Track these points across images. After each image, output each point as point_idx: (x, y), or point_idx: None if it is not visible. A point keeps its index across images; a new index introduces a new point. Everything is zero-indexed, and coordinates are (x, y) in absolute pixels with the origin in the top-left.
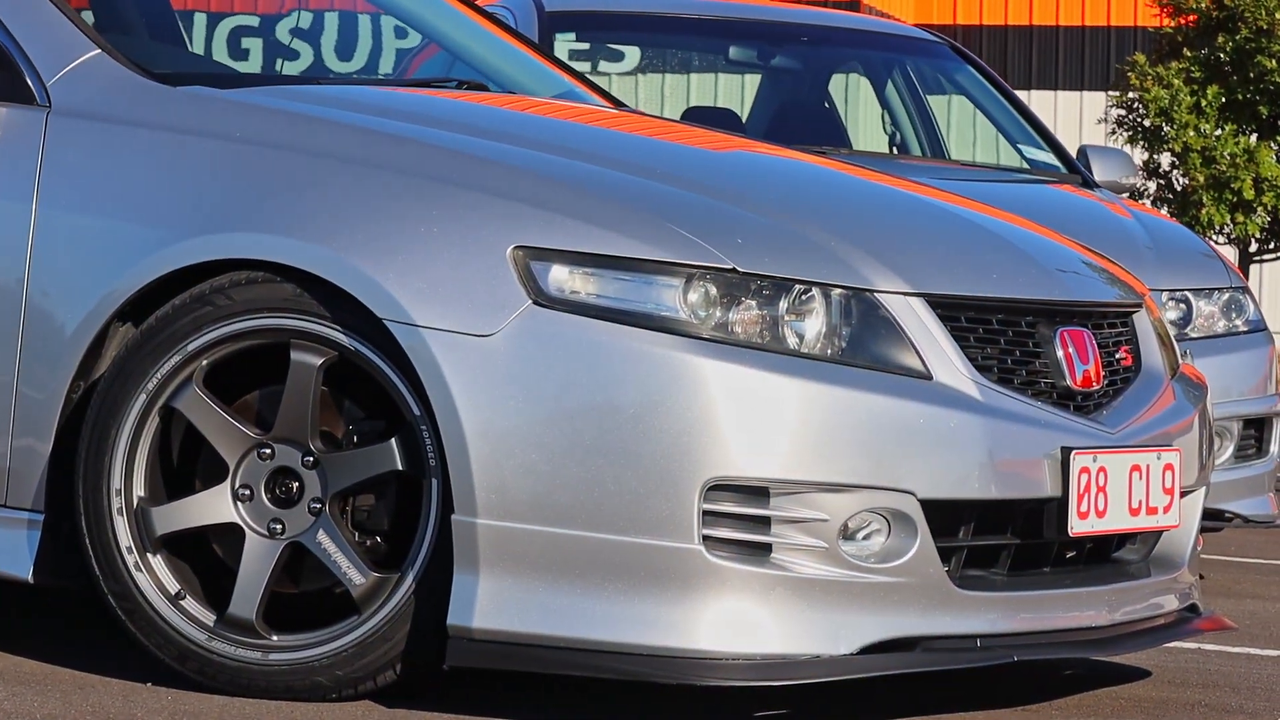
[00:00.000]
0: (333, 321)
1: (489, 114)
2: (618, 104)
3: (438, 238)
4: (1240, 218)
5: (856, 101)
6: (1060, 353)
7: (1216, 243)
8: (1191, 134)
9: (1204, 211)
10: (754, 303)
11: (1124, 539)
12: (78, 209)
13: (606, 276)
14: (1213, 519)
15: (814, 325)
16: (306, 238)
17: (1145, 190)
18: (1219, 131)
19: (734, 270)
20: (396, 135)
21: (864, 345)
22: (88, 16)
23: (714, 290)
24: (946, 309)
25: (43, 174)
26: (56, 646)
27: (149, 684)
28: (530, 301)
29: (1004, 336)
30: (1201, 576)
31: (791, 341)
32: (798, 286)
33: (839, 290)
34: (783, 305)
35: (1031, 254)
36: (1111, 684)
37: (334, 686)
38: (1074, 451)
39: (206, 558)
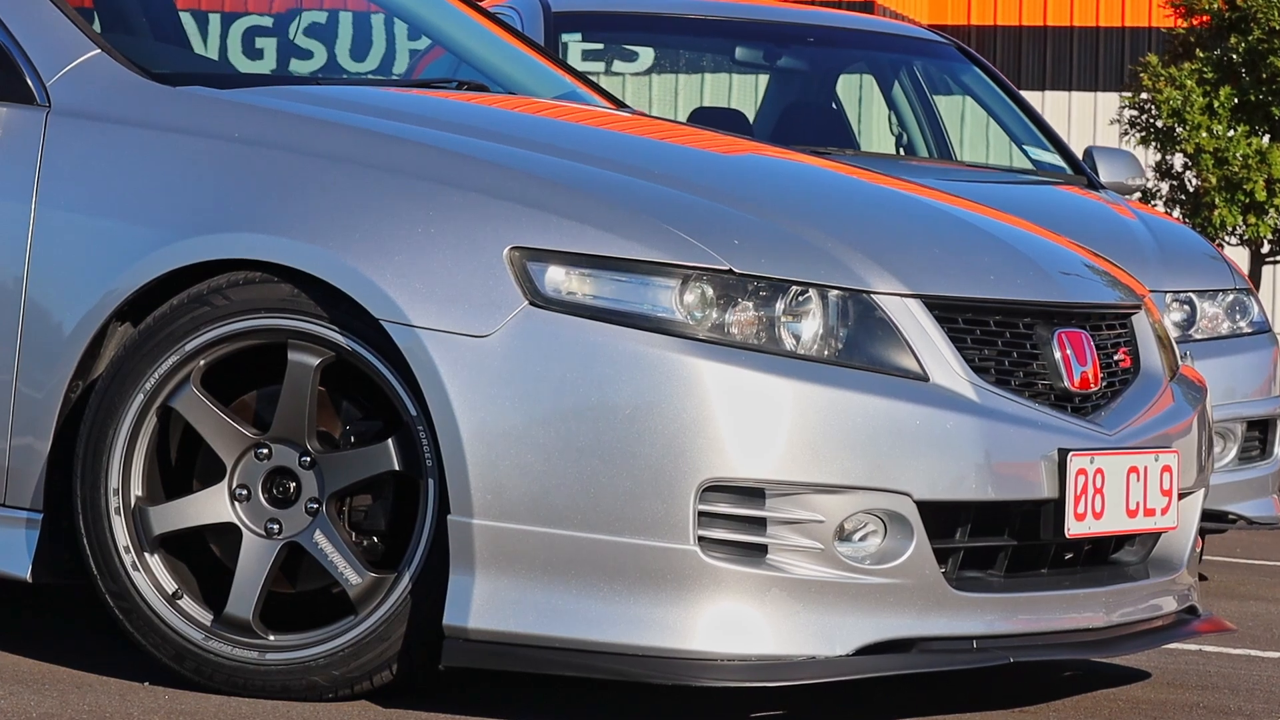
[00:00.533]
0: (330, 322)
1: (487, 115)
2: (620, 105)
3: (435, 238)
4: (1252, 219)
5: (866, 102)
6: (1058, 354)
7: (1229, 244)
8: (1204, 135)
9: (1216, 213)
10: (750, 304)
11: (1122, 540)
12: (77, 209)
13: (603, 277)
14: (1216, 520)
15: (810, 326)
16: (303, 238)
17: (1158, 191)
18: (1231, 133)
19: (730, 271)
20: (394, 136)
21: (860, 346)
22: (91, 16)
23: (710, 291)
24: (943, 310)
25: (42, 173)
26: (55, 645)
27: (146, 683)
28: (527, 302)
29: (1001, 338)
30: (1205, 578)
31: (788, 343)
32: (794, 288)
33: (835, 291)
34: (779, 306)
35: (1030, 255)
36: (1111, 685)
37: (330, 686)
38: (1071, 453)
39: (204, 557)
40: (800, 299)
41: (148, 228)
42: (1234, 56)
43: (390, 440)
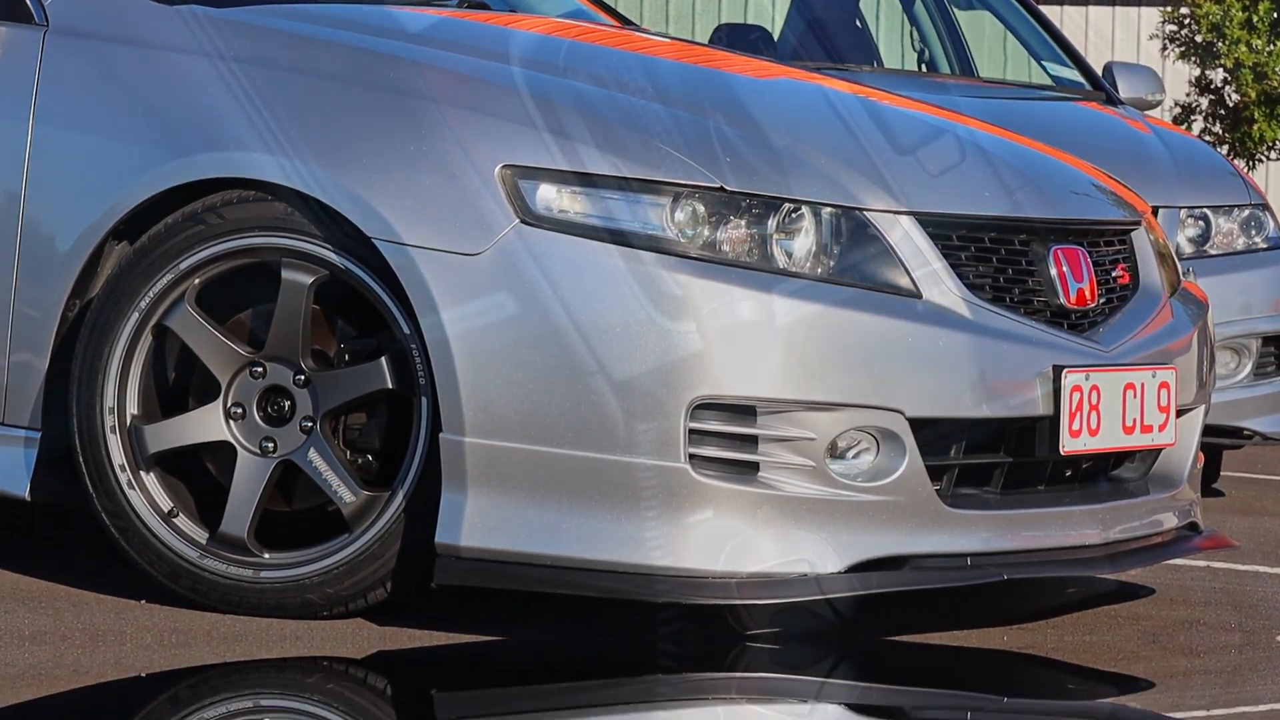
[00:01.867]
0: (323, 240)
1: (485, 33)
2: (627, 23)
3: (427, 156)
4: None
5: (889, 18)
6: (1054, 271)
7: (1269, 159)
8: (1243, 50)
9: (1256, 128)
10: (742, 221)
11: (1121, 457)
12: (74, 127)
13: (594, 195)
14: (1231, 436)
15: (803, 244)
16: (297, 156)
17: (1197, 106)
18: (1271, 47)
19: (722, 189)
20: (388, 54)
21: (853, 264)
22: None
23: (702, 209)
24: (937, 227)
25: (39, 92)
26: (58, 564)
27: (142, 601)
28: (518, 220)
29: (996, 255)
30: (1221, 493)
31: (780, 260)
32: (786, 205)
33: (828, 209)
34: (771, 224)
35: (1026, 172)
36: (1112, 602)
37: (325, 604)
38: (1065, 370)
39: (200, 476)
40: (793, 216)
41: (143, 146)
42: None
43: (384, 358)
